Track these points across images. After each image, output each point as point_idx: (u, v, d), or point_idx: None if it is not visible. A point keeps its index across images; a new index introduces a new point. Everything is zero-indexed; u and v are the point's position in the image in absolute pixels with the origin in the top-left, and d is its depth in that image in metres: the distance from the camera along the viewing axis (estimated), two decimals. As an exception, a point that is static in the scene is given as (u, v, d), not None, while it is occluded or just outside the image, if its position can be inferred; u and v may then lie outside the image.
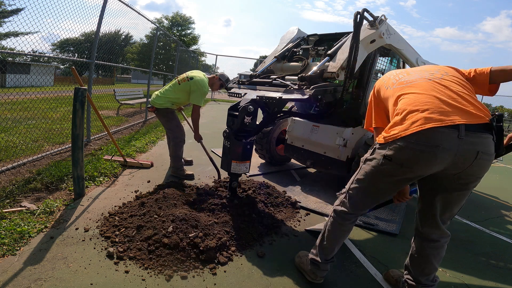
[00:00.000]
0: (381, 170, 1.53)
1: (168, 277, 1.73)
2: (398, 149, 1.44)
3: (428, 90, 1.48)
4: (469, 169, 1.39)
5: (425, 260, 1.65)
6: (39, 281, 1.59)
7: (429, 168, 1.41)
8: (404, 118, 1.44)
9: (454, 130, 1.33)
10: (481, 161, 1.38)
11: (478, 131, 1.36)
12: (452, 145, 1.34)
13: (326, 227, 1.79)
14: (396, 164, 1.46)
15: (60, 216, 2.31)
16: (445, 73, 1.59)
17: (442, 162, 1.38)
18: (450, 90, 1.47)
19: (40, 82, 5.73)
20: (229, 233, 2.18)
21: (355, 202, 1.68)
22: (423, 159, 1.39)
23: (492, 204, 3.96)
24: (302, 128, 3.68)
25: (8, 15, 11.22)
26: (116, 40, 7.74)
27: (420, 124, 1.37)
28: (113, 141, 3.60)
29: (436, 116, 1.36)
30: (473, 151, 1.35)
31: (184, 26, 21.43)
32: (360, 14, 2.50)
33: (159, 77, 22.95)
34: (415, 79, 1.60)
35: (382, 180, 1.56)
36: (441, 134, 1.34)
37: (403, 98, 1.53)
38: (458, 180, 1.45)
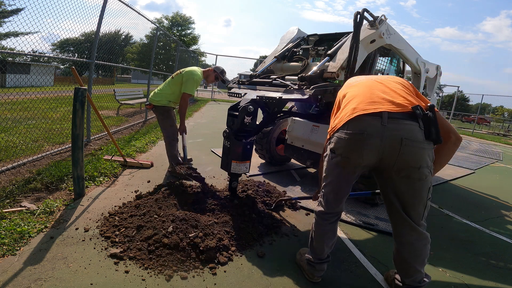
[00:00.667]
0: (332, 163, 1.65)
1: (168, 277, 1.73)
2: (336, 141, 1.59)
3: (366, 86, 1.64)
4: (400, 157, 1.45)
5: (405, 263, 1.65)
6: (39, 281, 1.59)
7: (362, 155, 1.51)
8: (341, 112, 1.62)
9: (378, 118, 1.45)
10: (408, 148, 1.43)
11: (401, 118, 1.45)
12: (376, 131, 1.45)
13: (312, 228, 1.84)
14: (338, 155, 1.59)
15: (60, 216, 2.31)
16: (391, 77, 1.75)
17: (371, 149, 1.48)
18: (384, 86, 1.60)
19: (40, 82, 5.74)
20: (229, 233, 2.18)
21: (327, 200, 1.74)
22: (353, 146, 1.51)
23: (492, 204, 3.96)
24: (302, 128, 3.68)
25: (8, 15, 11.22)
26: (116, 40, 7.74)
27: (349, 114, 1.53)
28: (113, 141, 3.60)
29: (363, 106, 1.51)
30: (397, 137, 1.43)
31: (184, 26, 21.43)
32: (360, 14, 2.51)
33: (159, 77, 22.95)
34: (361, 79, 1.76)
35: (336, 173, 1.66)
36: (365, 122, 1.47)
37: (346, 95, 1.70)
38: (398, 172, 1.49)
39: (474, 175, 5.56)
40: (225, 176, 3.53)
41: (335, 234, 1.81)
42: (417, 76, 3.71)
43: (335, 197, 1.72)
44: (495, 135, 18.92)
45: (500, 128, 25.43)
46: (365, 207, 3.15)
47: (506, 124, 27.79)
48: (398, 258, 1.68)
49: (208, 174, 3.70)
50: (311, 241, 1.84)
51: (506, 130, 23.38)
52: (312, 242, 1.83)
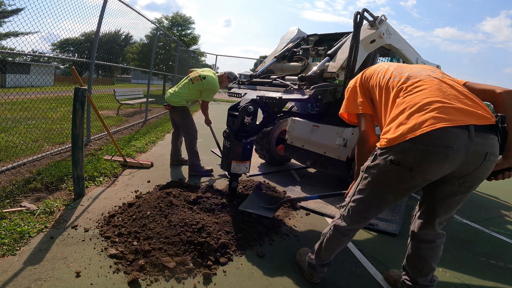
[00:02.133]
0: (387, 177, 1.42)
1: (168, 277, 1.72)
2: (406, 152, 1.34)
3: (435, 88, 1.41)
4: (476, 171, 1.35)
5: (422, 261, 1.64)
6: (39, 281, 1.59)
7: (440, 171, 1.34)
8: (410, 117, 1.35)
9: (464, 131, 1.29)
10: (488, 162, 1.34)
11: (486, 132, 1.32)
12: (463, 145, 1.29)
13: (325, 239, 1.73)
14: (405, 168, 1.36)
15: (60, 216, 2.31)
16: (443, 73, 1.55)
17: (453, 164, 1.33)
18: (455, 90, 1.41)
19: (40, 82, 5.73)
20: (229, 233, 2.18)
21: (356, 215, 1.59)
22: (435, 160, 1.31)
23: (492, 204, 3.96)
24: (302, 128, 3.68)
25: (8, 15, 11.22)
26: (116, 40, 7.74)
27: (431, 124, 1.28)
28: (113, 141, 3.60)
29: (446, 116, 1.29)
30: (482, 152, 1.31)
31: (184, 26, 21.38)
32: (360, 14, 2.51)
33: (159, 77, 22.93)
34: (419, 75, 1.51)
35: (389, 188, 1.46)
36: (452, 134, 1.28)
37: (408, 94, 1.44)
38: (463, 183, 1.40)
39: (474, 175, 5.55)
40: (225, 176, 3.53)
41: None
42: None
43: (373, 212, 1.58)
44: (495, 135, 18.90)
45: (500, 128, 25.39)
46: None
47: (506, 124, 27.71)
48: (415, 256, 1.66)
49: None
50: (318, 249, 1.76)
51: (506, 130, 23.36)
52: (320, 251, 1.74)
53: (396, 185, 1.43)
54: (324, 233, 1.75)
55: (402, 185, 1.42)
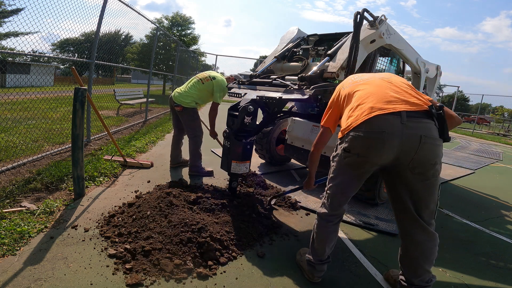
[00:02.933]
0: (345, 164, 1.64)
1: (168, 278, 1.72)
2: (351, 140, 1.56)
3: (377, 85, 1.65)
4: (417, 154, 1.47)
5: (414, 262, 1.64)
6: (39, 281, 1.59)
7: (381, 155, 1.50)
8: (355, 110, 1.59)
9: (397, 117, 1.47)
10: (426, 145, 1.46)
11: (419, 117, 1.49)
12: (396, 130, 1.46)
13: (314, 230, 1.82)
14: (353, 155, 1.57)
15: (60, 216, 2.31)
16: (394, 75, 1.77)
17: (391, 148, 1.48)
18: (395, 86, 1.63)
19: (40, 82, 5.73)
20: (229, 233, 2.18)
21: (332, 202, 1.74)
22: (373, 145, 1.50)
23: (492, 204, 3.96)
24: (302, 128, 3.68)
25: (8, 15, 11.22)
26: (116, 40, 7.74)
27: (367, 113, 1.51)
28: (113, 141, 3.60)
29: (380, 105, 1.52)
30: (416, 135, 1.45)
31: (184, 26, 21.39)
32: (360, 14, 2.51)
33: (159, 77, 22.94)
34: (367, 77, 1.77)
35: (348, 174, 1.66)
36: (385, 121, 1.47)
37: (356, 93, 1.68)
38: (414, 170, 1.51)
39: (474, 175, 5.56)
40: (225, 176, 3.53)
41: (337, 235, 1.81)
42: (417, 76, 3.72)
43: (343, 197, 1.72)
44: (495, 135, 18.91)
45: (500, 128, 25.42)
46: (365, 207, 3.15)
47: (506, 124, 27.77)
48: (406, 258, 1.67)
49: (208, 174, 3.69)
50: (312, 242, 1.84)
51: (506, 130, 23.37)
52: (314, 243, 1.82)
53: (352, 171, 1.64)
54: (313, 226, 1.85)
55: (356, 170, 1.63)
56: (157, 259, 1.83)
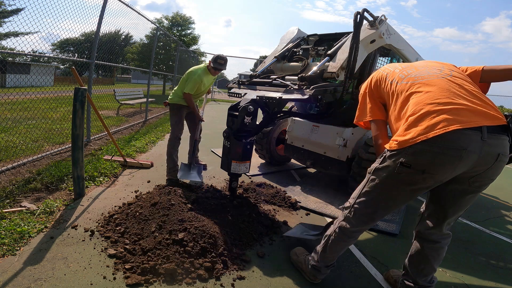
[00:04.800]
0: (398, 179, 1.41)
1: (167, 277, 1.72)
2: (418, 154, 1.32)
3: (444, 89, 1.38)
4: (487, 171, 1.35)
5: (424, 261, 1.64)
6: (39, 281, 1.59)
7: (453, 172, 1.34)
8: (421, 119, 1.33)
9: (477, 132, 1.28)
10: (500, 163, 1.34)
11: (498, 133, 1.32)
12: (476, 147, 1.28)
13: (330, 240, 1.70)
14: (416, 171, 1.34)
15: (60, 216, 2.31)
16: (452, 70, 1.54)
17: (465, 165, 1.32)
18: (464, 89, 1.39)
19: (40, 82, 5.75)
20: (229, 233, 2.18)
21: (362, 217, 1.58)
22: (448, 162, 1.30)
23: (492, 204, 3.96)
24: (302, 128, 3.68)
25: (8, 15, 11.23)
26: (116, 40, 7.74)
27: (443, 126, 1.27)
28: (113, 141, 3.60)
29: (459, 117, 1.28)
30: (494, 153, 1.31)
31: (184, 26, 21.40)
32: (360, 14, 2.51)
33: (159, 77, 22.94)
34: (427, 75, 1.49)
35: (398, 190, 1.44)
36: (466, 137, 1.27)
37: (417, 95, 1.41)
38: (473, 183, 1.40)
39: (474, 175, 5.55)
40: (225, 176, 3.53)
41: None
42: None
43: (382, 213, 1.55)
44: (495, 135, 18.86)
45: (500, 128, 25.34)
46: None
47: (506, 124, 27.66)
48: (418, 255, 1.66)
49: (208, 174, 3.70)
50: (323, 250, 1.73)
51: (506, 130, 23.33)
52: (325, 252, 1.72)
53: (406, 187, 1.42)
54: (328, 235, 1.73)
55: (412, 187, 1.40)
56: (157, 259, 1.83)
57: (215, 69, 3.35)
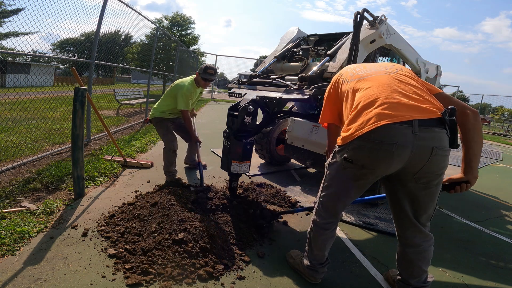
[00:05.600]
0: (345, 173, 1.49)
1: (167, 278, 1.72)
2: (356, 150, 1.40)
3: (383, 84, 1.44)
4: (426, 166, 1.36)
5: (411, 265, 1.63)
6: (39, 281, 1.59)
7: (389, 167, 1.38)
8: (359, 114, 1.40)
9: (408, 126, 1.30)
10: (437, 157, 1.34)
11: (432, 126, 1.32)
12: (407, 141, 1.30)
13: (310, 237, 1.76)
14: (357, 166, 1.42)
15: (60, 216, 2.31)
16: (400, 68, 1.59)
17: (400, 160, 1.35)
18: (403, 84, 1.44)
19: (40, 82, 5.75)
20: (229, 233, 2.18)
21: (328, 210, 1.65)
22: (382, 157, 1.35)
23: (492, 204, 3.96)
24: (302, 128, 3.68)
25: (8, 15, 11.23)
26: (116, 40, 7.74)
27: (375, 121, 1.32)
28: (113, 141, 3.60)
29: (390, 111, 1.32)
30: (428, 147, 1.32)
31: (184, 26, 21.40)
32: (360, 14, 2.51)
33: (159, 77, 22.95)
34: (372, 72, 1.56)
35: (348, 184, 1.53)
36: (396, 131, 1.31)
37: (359, 92, 1.48)
38: (418, 179, 1.42)
39: (474, 175, 5.55)
40: (225, 176, 3.53)
41: (334, 238, 1.78)
42: (417, 76, 3.71)
43: (340, 206, 1.64)
44: (495, 135, 18.91)
45: (500, 128, 25.39)
46: (365, 207, 3.14)
47: (506, 124, 27.76)
48: (403, 260, 1.66)
49: (208, 174, 3.70)
50: (310, 249, 1.78)
51: (506, 130, 23.37)
52: (312, 250, 1.76)
53: (354, 182, 1.50)
54: (308, 232, 1.79)
55: (358, 181, 1.49)
56: (157, 259, 1.83)
57: (205, 79, 3.21)
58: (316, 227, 1.71)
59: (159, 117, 3.33)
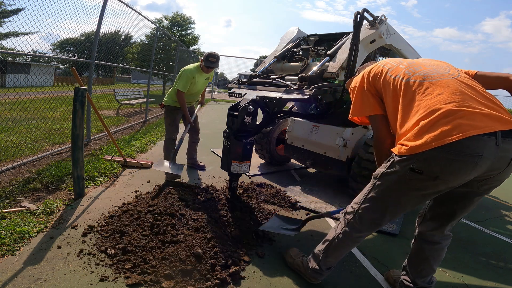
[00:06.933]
0: (407, 185, 1.36)
1: (167, 278, 1.72)
2: (431, 160, 1.27)
3: (456, 91, 1.31)
4: (498, 175, 1.34)
5: (424, 262, 1.63)
6: (39, 281, 1.59)
7: (466, 178, 1.30)
8: (434, 123, 1.26)
9: (492, 138, 1.23)
10: (510, 167, 1.32)
11: (510, 137, 1.27)
12: (491, 153, 1.24)
13: (332, 245, 1.66)
14: (428, 177, 1.30)
15: (60, 216, 2.31)
16: (458, 70, 1.49)
17: (479, 171, 1.28)
18: (475, 91, 1.33)
19: (40, 82, 5.75)
20: (229, 233, 2.18)
21: (367, 222, 1.54)
22: (463, 169, 1.26)
23: (492, 204, 3.95)
24: (302, 128, 3.68)
25: (8, 15, 11.23)
26: (116, 40, 7.74)
27: (459, 132, 1.21)
28: (113, 141, 3.60)
29: (473, 122, 1.23)
30: (507, 158, 1.29)
31: (184, 26, 21.40)
32: (360, 14, 2.51)
33: (159, 77, 22.95)
34: (436, 74, 1.41)
35: (408, 196, 1.39)
36: (481, 142, 1.22)
37: (428, 97, 1.34)
38: (482, 186, 1.39)
39: (474, 175, 5.55)
40: (225, 176, 3.53)
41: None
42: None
43: (387, 220, 1.51)
44: (495, 135, 18.87)
45: (500, 128, 25.32)
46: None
47: (506, 124, 27.64)
48: (418, 257, 1.65)
49: (208, 174, 3.70)
50: (325, 255, 1.70)
51: (506, 130, 23.33)
52: (327, 257, 1.69)
53: (417, 193, 1.37)
54: (329, 240, 1.68)
55: (423, 192, 1.36)
56: (157, 259, 1.83)
57: (208, 67, 3.37)
58: (346, 239, 1.61)
59: (171, 106, 3.46)
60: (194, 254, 1.89)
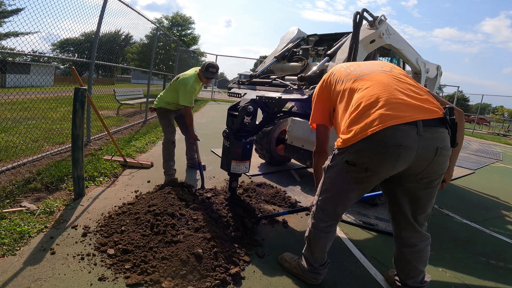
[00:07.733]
0: (346, 176, 1.46)
1: (167, 278, 1.72)
2: (359, 152, 1.36)
3: (382, 83, 1.40)
4: (429, 167, 1.36)
5: (407, 264, 1.63)
6: (39, 281, 1.59)
7: (393, 169, 1.35)
8: (361, 115, 1.35)
9: (413, 127, 1.28)
10: (440, 157, 1.34)
11: (435, 126, 1.32)
12: (413, 142, 1.29)
13: (310, 241, 1.73)
14: (361, 169, 1.38)
15: (60, 216, 2.31)
16: (393, 66, 1.58)
17: (405, 162, 1.33)
18: (402, 83, 1.42)
19: (40, 82, 5.75)
20: (229, 233, 2.18)
21: (327, 213, 1.62)
22: (387, 160, 1.32)
23: (492, 204, 3.96)
24: (302, 128, 3.68)
25: (8, 15, 11.23)
26: (116, 40, 7.74)
27: (380, 122, 1.28)
28: (113, 141, 3.60)
29: (394, 112, 1.29)
30: (432, 147, 1.32)
31: (184, 26, 21.42)
32: (359, 14, 2.51)
33: (159, 77, 22.97)
34: (367, 71, 1.52)
35: (349, 187, 1.49)
36: (401, 132, 1.28)
37: (357, 92, 1.44)
38: (421, 179, 1.41)
39: (474, 175, 5.56)
40: (225, 176, 3.53)
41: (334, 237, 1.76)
42: (417, 76, 3.72)
43: (342, 209, 1.61)
44: (495, 135, 18.91)
45: (500, 128, 25.40)
46: (365, 207, 3.15)
47: (506, 124, 27.75)
48: (400, 260, 1.66)
49: (208, 174, 3.70)
50: (310, 253, 1.75)
51: (506, 130, 23.37)
52: (313, 253, 1.74)
53: (356, 185, 1.47)
54: (306, 236, 1.76)
55: (360, 184, 1.46)
56: (157, 259, 1.83)
57: (207, 78, 3.26)
58: (317, 231, 1.68)
59: (163, 108, 3.40)
60: (194, 254, 1.89)
